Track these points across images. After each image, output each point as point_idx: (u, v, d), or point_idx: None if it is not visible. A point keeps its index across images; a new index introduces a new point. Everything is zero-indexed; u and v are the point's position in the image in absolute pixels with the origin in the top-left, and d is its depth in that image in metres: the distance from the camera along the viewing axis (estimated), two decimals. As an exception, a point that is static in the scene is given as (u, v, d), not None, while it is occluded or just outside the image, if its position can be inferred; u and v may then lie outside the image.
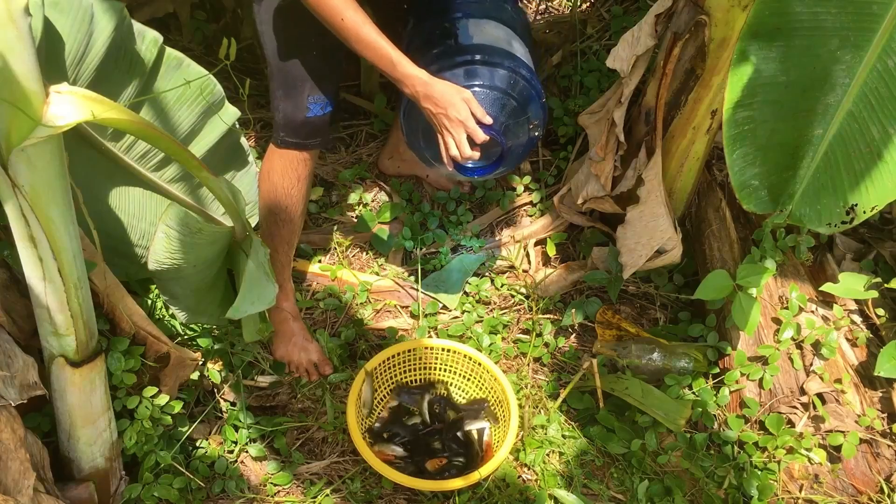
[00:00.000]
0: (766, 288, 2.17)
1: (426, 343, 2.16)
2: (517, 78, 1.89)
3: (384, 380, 2.13)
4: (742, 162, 1.76)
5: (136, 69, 1.69)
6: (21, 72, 1.09)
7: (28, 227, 1.29)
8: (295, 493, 1.94)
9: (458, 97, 1.71)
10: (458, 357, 2.15)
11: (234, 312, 1.62)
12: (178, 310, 1.82)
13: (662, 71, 2.20)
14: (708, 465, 2.02)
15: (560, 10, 3.23)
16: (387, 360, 2.11)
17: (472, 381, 2.16)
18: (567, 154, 2.72)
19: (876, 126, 1.61)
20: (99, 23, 1.53)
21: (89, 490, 1.65)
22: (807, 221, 1.79)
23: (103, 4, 1.54)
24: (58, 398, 1.55)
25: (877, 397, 2.05)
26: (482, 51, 1.92)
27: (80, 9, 1.47)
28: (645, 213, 2.23)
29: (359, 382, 2.02)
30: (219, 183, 1.51)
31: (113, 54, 1.58)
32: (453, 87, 1.73)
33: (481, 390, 2.15)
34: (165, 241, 1.50)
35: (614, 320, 2.35)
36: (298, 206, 2.02)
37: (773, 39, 1.66)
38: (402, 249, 2.53)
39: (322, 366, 2.17)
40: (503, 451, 1.92)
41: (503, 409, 2.06)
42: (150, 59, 1.74)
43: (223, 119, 1.84)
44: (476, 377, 2.15)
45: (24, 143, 1.16)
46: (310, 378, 2.15)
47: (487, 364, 2.11)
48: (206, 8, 2.90)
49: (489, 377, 2.11)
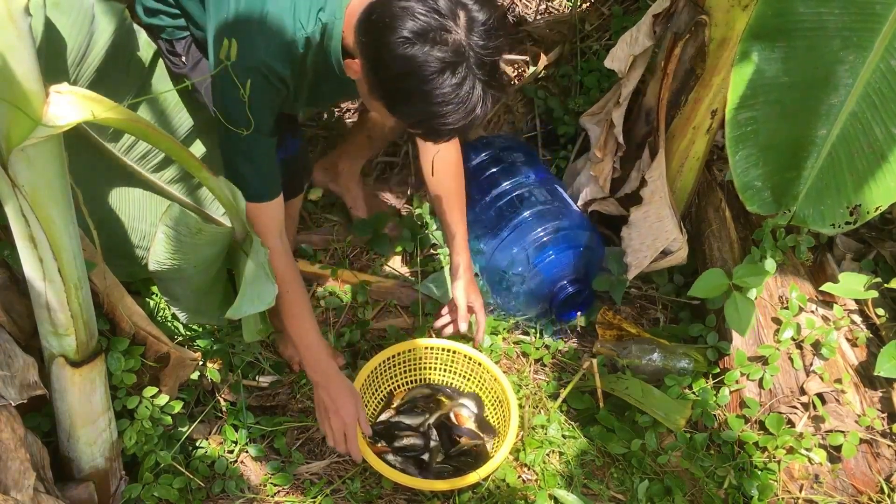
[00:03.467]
0: (766, 288, 2.17)
1: (426, 343, 2.15)
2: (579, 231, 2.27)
3: (384, 379, 2.13)
4: (745, 163, 1.76)
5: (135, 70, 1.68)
6: (21, 72, 1.08)
7: (28, 227, 1.28)
8: (295, 493, 1.94)
9: (352, 401, 1.87)
10: (458, 357, 2.15)
11: (233, 312, 1.62)
12: (179, 310, 1.82)
13: (663, 71, 2.20)
14: (708, 465, 2.02)
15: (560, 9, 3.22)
16: (386, 361, 2.11)
17: (471, 381, 2.16)
18: (567, 154, 2.72)
19: (879, 126, 1.61)
20: (100, 24, 1.53)
21: (89, 490, 1.65)
22: (810, 222, 1.79)
23: (103, 5, 1.54)
24: (58, 398, 1.55)
25: (877, 397, 2.05)
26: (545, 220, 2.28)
27: (80, 9, 1.47)
28: (650, 213, 2.23)
29: (360, 381, 2.01)
30: (218, 183, 1.51)
31: (113, 55, 1.57)
32: (349, 390, 1.89)
33: (481, 391, 2.14)
34: (165, 241, 1.50)
35: (615, 321, 2.34)
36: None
37: (775, 40, 1.65)
38: (401, 250, 2.52)
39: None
40: (503, 452, 1.91)
41: (503, 410, 2.05)
42: (147, 58, 1.74)
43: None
44: (476, 377, 2.15)
45: (24, 143, 1.15)
46: None
47: (487, 364, 2.11)
48: (206, 7, 2.89)
49: (489, 377, 2.11)
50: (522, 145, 2.62)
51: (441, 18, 1.36)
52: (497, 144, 2.51)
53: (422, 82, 1.38)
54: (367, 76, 1.47)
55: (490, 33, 1.40)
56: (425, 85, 1.38)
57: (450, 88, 1.38)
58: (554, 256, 2.24)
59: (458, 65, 1.37)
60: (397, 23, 1.36)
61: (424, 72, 1.36)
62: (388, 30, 1.37)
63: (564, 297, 2.23)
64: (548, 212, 2.29)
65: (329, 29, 1.54)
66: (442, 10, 1.36)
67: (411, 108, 1.44)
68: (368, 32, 1.44)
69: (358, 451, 1.87)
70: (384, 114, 1.53)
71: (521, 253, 2.25)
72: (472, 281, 2.10)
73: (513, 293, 2.29)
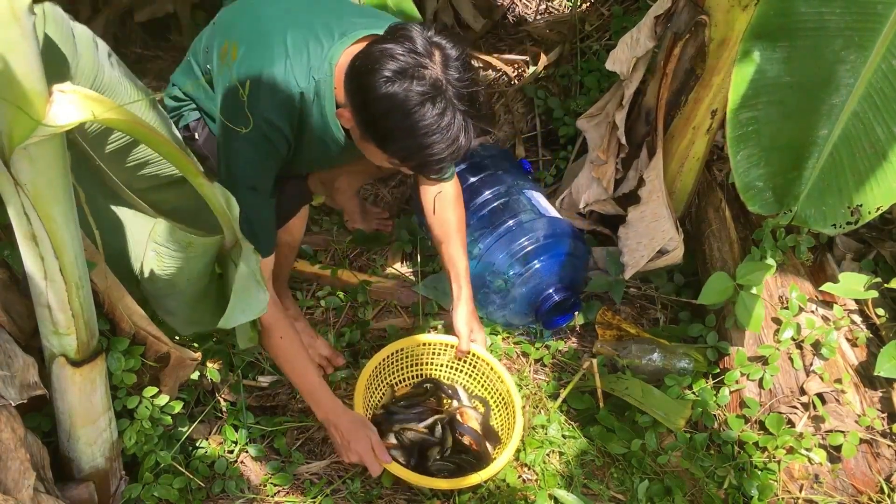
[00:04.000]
0: (766, 288, 2.17)
1: (430, 340, 2.14)
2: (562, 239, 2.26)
3: (386, 375, 2.12)
4: (746, 163, 1.76)
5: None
6: (24, 71, 1.08)
7: (30, 226, 1.28)
8: (295, 493, 1.94)
9: (363, 432, 1.87)
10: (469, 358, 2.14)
11: (225, 322, 1.61)
12: (174, 323, 1.82)
13: (663, 71, 2.20)
14: (708, 465, 2.02)
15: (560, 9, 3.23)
16: (391, 356, 2.10)
17: (475, 380, 2.15)
18: (567, 154, 2.72)
19: (881, 126, 1.61)
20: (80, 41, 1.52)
21: (89, 490, 1.64)
22: (812, 223, 1.79)
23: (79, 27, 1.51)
24: (58, 398, 1.54)
25: (877, 397, 2.06)
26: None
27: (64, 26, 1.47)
28: (647, 213, 2.23)
29: (365, 375, 2.01)
30: (213, 189, 1.50)
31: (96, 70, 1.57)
32: (359, 422, 1.89)
33: (486, 390, 2.14)
34: (156, 258, 1.50)
35: (614, 321, 2.35)
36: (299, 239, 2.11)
37: (776, 40, 1.66)
38: (401, 250, 2.52)
39: (334, 358, 2.18)
40: (506, 454, 1.91)
41: (507, 411, 2.05)
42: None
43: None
44: (481, 376, 2.14)
45: (26, 142, 1.15)
46: (325, 372, 2.15)
47: (493, 363, 2.09)
48: (206, 8, 2.89)
49: (494, 377, 2.10)
50: (504, 152, 2.60)
51: (418, 57, 1.48)
52: (478, 153, 2.48)
53: (405, 116, 1.49)
54: (357, 119, 1.59)
55: (465, 66, 1.52)
56: (409, 118, 1.49)
57: (432, 119, 1.48)
58: (538, 266, 2.23)
59: (437, 97, 1.48)
60: (378, 65, 1.49)
61: (407, 106, 1.48)
62: (371, 72, 1.50)
63: (551, 305, 2.22)
64: (530, 221, 2.27)
65: (321, 86, 1.66)
66: (419, 50, 1.49)
67: (399, 143, 1.54)
68: (354, 78, 1.56)
69: (379, 470, 1.88)
70: (378, 155, 1.64)
71: (505, 263, 2.24)
72: (473, 312, 2.10)
73: (498, 304, 2.28)
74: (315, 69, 1.66)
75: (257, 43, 1.69)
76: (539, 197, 2.38)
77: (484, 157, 2.48)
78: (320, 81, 1.66)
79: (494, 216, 2.31)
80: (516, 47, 2.98)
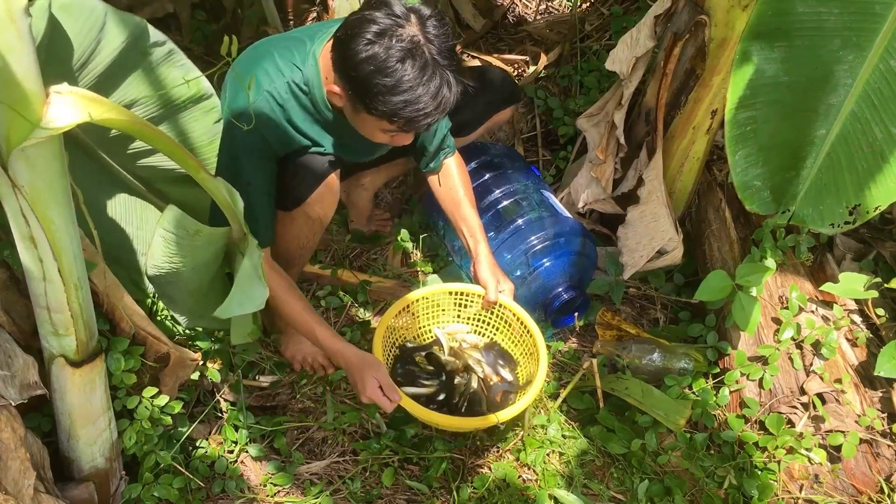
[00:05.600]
0: (766, 288, 2.17)
1: (457, 288, 2.15)
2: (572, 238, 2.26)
3: (422, 320, 2.15)
4: (744, 162, 1.76)
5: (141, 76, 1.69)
6: (20, 72, 1.08)
7: (28, 228, 1.28)
8: (295, 493, 1.94)
9: (370, 373, 1.86)
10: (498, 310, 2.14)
11: (222, 312, 1.62)
12: (178, 314, 1.82)
13: (662, 71, 2.20)
14: (708, 465, 2.02)
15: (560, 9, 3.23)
16: (415, 302, 2.12)
17: (501, 332, 2.16)
18: (567, 154, 2.72)
19: (878, 126, 1.61)
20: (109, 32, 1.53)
21: (89, 490, 1.65)
22: (809, 222, 1.79)
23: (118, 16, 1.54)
24: (58, 398, 1.55)
25: (877, 397, 2.05)
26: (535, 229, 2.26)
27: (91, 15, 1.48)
28: (646, 213, 2.23)
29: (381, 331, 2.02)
30: (216, 184, 1.51)
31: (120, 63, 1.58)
32: (367, 362, 1.88)
33: (512, 342, 2.14)
34: (163, 244, 1.50)
35: (614, 321, 2.35)
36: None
37: (775, 40, 1.66)
38: (401, 250, 2.52)
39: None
40: (527, 398, 1.90)
41: (532, 362, 2.05)
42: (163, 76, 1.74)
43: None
44: (507, 328, 2.14)
45: (24, 144, 1.15)
46: (325, 371, 2.15)
47: (521, 314, 2.09)
48: (206, 8, 2.90)
49: (523, 330, 2.10)
50: (513, 152, 2.61)
51: (396, 19, 1.58)
52: (488, 152, 2.50)
53: (388, 75, 1.57)
54: (345, 89, 1.67)
55: (439, 22, 1.62)
56: (392, 76, 1.57)
57: (414, 73, 1.57)
58: (548, 264, 2.24)
59: (415, 53, 1.57)
60: (359, 29, 1.58)
61: (388, 64, 1.57)
62: (353, 38, 1.59)
63: (560, 304, 2.23)
64: (540, 219, 2.28)
65: (307, 74, 1.78)
66: (397, 13, 1.59)
67: (386, 102, 1.61)
68: (338, 48, 1.65)
69: (388, 405, 1.86)
70: (370, 122, 1.70)
71: (514, 261, 2.24)
72: (496, 264, 2.11)
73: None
74: (300, 62, 1.78)
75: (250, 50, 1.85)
76: (550, 195, 2.40)
77: (495, 155, 2.50)
78: (305, 71, 1.77)
79: (505, 214, 2.32)
80: (516, 47, 2.98)
